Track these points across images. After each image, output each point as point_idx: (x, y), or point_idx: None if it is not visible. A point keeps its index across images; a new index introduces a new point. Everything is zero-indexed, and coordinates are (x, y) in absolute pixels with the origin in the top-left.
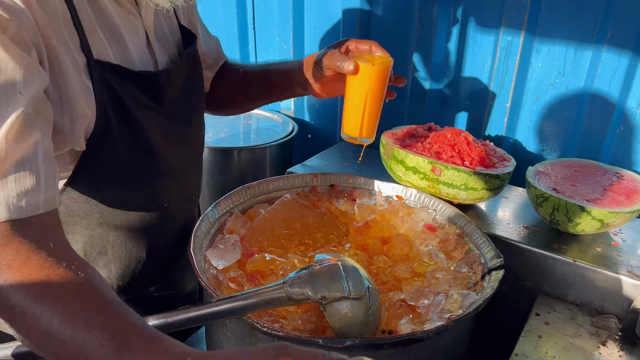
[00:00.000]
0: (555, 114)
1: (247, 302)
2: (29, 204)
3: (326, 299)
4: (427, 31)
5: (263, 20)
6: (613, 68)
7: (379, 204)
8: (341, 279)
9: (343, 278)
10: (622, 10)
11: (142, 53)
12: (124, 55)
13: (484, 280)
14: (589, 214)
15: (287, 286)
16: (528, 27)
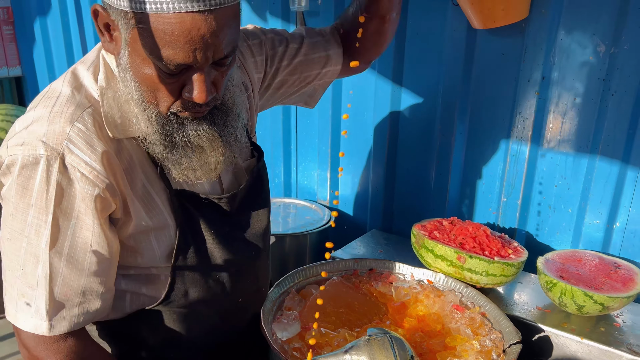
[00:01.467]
0: (560, 210)
1: None
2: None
3: None
4: (447, 141)
5: (304, 127)
6: (606, 174)
7: (412, 286)
8: (391, 348)
9: (392, 348)
10: (610, 125)
11: (212, 183)
12: (196, 185)
13: (505, 354)
14: (591, 298)
15: (347, 354)
16: (533, 138)
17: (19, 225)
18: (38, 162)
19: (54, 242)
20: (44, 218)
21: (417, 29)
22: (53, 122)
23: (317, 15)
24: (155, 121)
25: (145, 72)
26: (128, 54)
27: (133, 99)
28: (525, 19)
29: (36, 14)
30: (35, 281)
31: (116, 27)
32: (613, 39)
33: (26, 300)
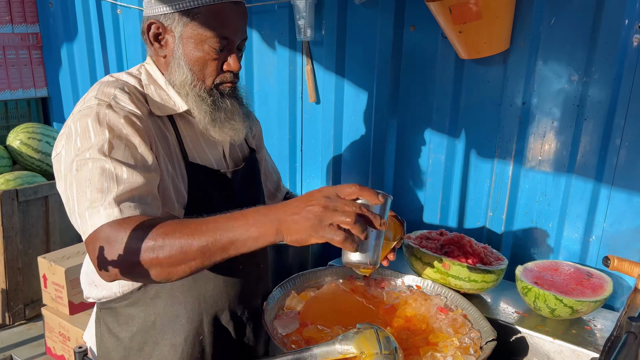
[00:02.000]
0: (541, 224)
1: (310, 352)
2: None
3: (364, 354)
4: (439, 159)
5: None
6: (581, 191)
7: (402, 291)
8: (376, 340)
9: (377, 339)
10: (584, 147)
11: (219, 161)
12: (207, 161)
13: (481, 350)
14: (561, 302)
15: (337, 343)
16: (516, 158)
17: (82, 154)
18: (92, 109)
19: (111, 151)
20: (103, 139)
21: (411, 59)
22: (102, 89)
23: (321, 45)
24: (204, 94)
25: (197, 55)
26: (182, 46)
27: (186, 81)
28: (507, 51)
29: (63, 40)
30: (102, 185)
31: (168, 31)
32: (585, 70)
33: (96, 204)
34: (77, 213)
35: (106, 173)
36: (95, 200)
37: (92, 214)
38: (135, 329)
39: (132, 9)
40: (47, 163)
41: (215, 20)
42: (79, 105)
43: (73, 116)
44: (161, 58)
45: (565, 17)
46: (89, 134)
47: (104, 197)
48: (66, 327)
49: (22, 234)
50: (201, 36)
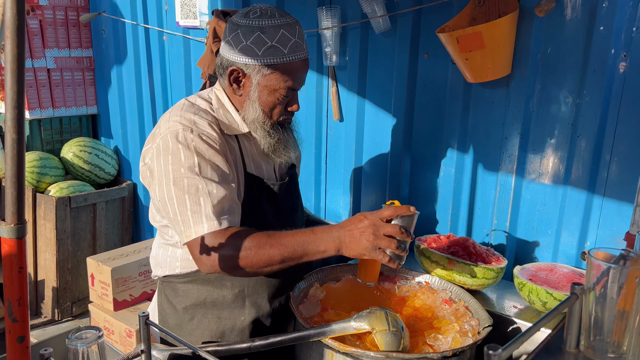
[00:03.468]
0: (541, 231)
1: (328, 328)
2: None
3: (375, 330)
4: (449, 172)
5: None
6: (576, 201)
7: (412, 286)
8: (385, 319)
9: (387, 319)
10: (577, 161)
11: (270, 174)
12: (261, 173)
13: (479, 334)
14: (551, 295)
15: (352, 321)
16: (518, 172)
17: (177, 171)
18: (178, 132)
19: (200, 170)
20: (192, 161)
21: (425, 83)
22: (183, 115)
23: (345, 69)
24: (271, 130)
25: (269, 100)
26: (258, 92)
27: (257, 119)
28: (509, 75)
29: (113, 63)
30: (199, 198)
31: (247, 78)
32: (577, 93)
33: (197, 215)
34: (179, 219)
35: (201, 190)
36: (195, 212)
37: (195, 223)
38: (189, 302)
39: (177, 36)
40: (96, 174)
41: (289, 75)
42: (164, 127)
43: (161, 136)
44: (237, 96)
45: (559, 46)
46: (179, 154)
47: (202, 209)
48: (110, 321)
49: (73, 238)
50: (275, 86)
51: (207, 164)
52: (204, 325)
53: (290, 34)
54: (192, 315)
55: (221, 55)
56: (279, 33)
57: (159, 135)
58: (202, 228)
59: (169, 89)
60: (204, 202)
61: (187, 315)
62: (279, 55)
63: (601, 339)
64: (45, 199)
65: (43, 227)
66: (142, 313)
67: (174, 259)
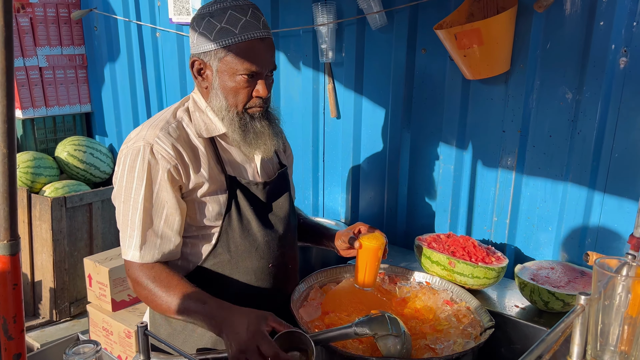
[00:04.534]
0: (542, 228)
1: (330, 334)
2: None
3: (377, 335)
4: (448, 169)
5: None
6: (577, 198)
7: (413, 286)
8: (387, 323)
9: (388, 323)
10: (577, 158)
11: (253, 174)
12: (241, 175)
13: (481, 336)
14: (553, 295)
15: (354, 326)
16: (517, 168)
17: (128, 192)
18: (139, 150)
19: (146, 199)
20: (141, 183)
21: (423, 79)
22: (150, 129)
23: (341, 66)
24: (236, 118)
25: (230, 85)
26: (218, 78)
27: (222, 107)
28: (508, 72)
29: (106, 60)
30: (135, 225)
31: (208, 66)
32: (577, 89)
33: (130, 240)
34: (121, 234)
35: (137, 215)
36: (130, 236)
37: (127, 246)
38: None
39: (170, 33)
40: (91, 173)
41: (244, 56)
42: (134, 138)
43: (127, 148)
44: (204, 89)
45: (559, 42)
46: (134, 173)
47: (133, 238)
48: (109, 322)
49: (69, 238)
50: (233, 69)
51: (154, 192)
52: (195, 335)
53: (240, 14)
54: (184, 326)
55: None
56: (226, 14)
57: (126, 146)
58: (127, 253)
59: (163, 86)
60: (137, 232)
61: (178, 325)
62: (230, 36)
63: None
64: (40, 199)
65: (39, 228)
66: (140, 324)
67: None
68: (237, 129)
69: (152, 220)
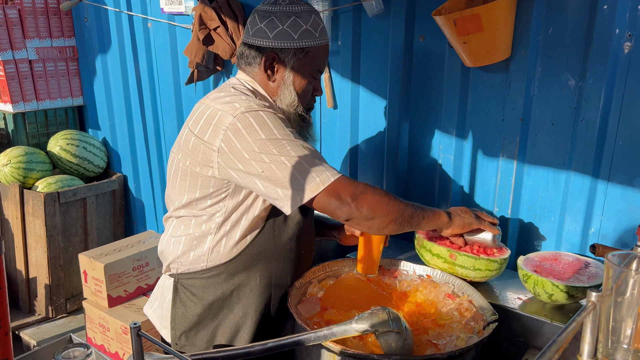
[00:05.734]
0: (544, 218)
1: (329, 331)
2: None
3: (378, 332)
4: (448, 159)
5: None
6: (580, 187)
7: (413, 279)
8: (388, 319)
9: (389, 319)
10: (581, 146)
11: None
12: None
13: (484, 330)
14: (557, 287)
15: (354, 322)
16: (519, 157)
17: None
18: (250, 109)
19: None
20: (283, 130)
21: (421, 67)
22: (240, 103)
23: (337, 54)
24: (304, 112)
25: (303, 83)
26: (292, 75)
27: (292, 102)
28: (509, 58)
29: (98, 52)
30: (312, 158)
31: (282, 62)
32: (580, 75)
33: (316, 170)
34: (301, 178)
35: (302, 147)
36: (313, 169)
37: (319, 175)
38: (213, 297)
39: (162, 23)
40: (84, 167)
41: (318, 59)
42: (227, 109)
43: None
44: (270, 83)
45: (561, 26)
46: (268, 125)
47: (320, 165)
48: (105, 318)
49: (63, 233)
50: (308, 70)
51: (290, 132)
52: (230, 320)
53: (319, 19)
54: (217, 311)
55: (250, 44)
56: (311, 17)
57: (225, 116)
58: (328, 178)
59: (156, 78)
60: (316, 161)
61: (211, 311)
62: (312, 39)
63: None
64: (33, 195)
65: (32, 224)
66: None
67: (199, 255)
68: (304, 122)
69: (307, 146)
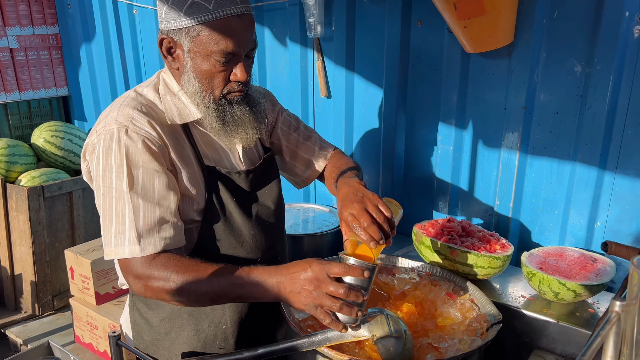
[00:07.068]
0: (547, 212)
1: (323, 336)
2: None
3: (376, 337)
4: (447, 150)
5: None
6: (586, 179)
7: (412, 277)
8: (386, 323)
9: (388, 323)
10: (587, 136)
11: (236, 162)
12: (221, 164)
13: (487, 332)
14: (564, 286)
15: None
16: (522, 148)
17: (107, 181)
18: (113, 134)
19: (131, 186)
20: (121, 170)
21: (419, 54)
22: (122, 110)
23: (331, 41)
24: (213, 105)
25: (204, 67)
26: (190, 60)
27: (195, 92)
28: (512, 44)
29: (82, 40)
30: (124, 218)
31: (178, 45)
32: (587, 61)
33: (120, 235)
34: (102, 232)
35: (127, 207)
36: (119, 232)
37: (117, 244)
38: (164, 315)
39: (148, 9)
40: (70, 160)
41: (219, 35)
42: (101, 124)
43: (97, 133)
44: (175, 70)
45: (567, 10)
46: (110, 161)
47: (127, 232)
48: (93, 316)
49: (49, 228)
50: (206, 50)
51: (138, 174)
52: (182, 338)
53: None
54: (168, 330)
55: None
56: None
57: (95, 132)
58: (122, 251)
59: (142, 66)
60: (129, 224)
61: (162, 329)
62: (203, 12)
63: None
64: (16, 189)
65: (16, 219)
66: (112, 333)
67: None
68: (215, 117)
69: (144, 207)
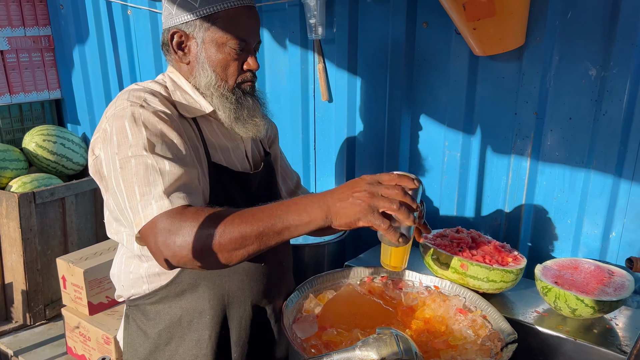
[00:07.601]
0: (559, 221)
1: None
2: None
3: (385, 358)
4: (454, 156)
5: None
6: (601, 187)
7: (420, 292)
8: (396, 344)
9: (398, 344)
10: (602, 142)
11: (242, 162)
12: (230, 162)
13: (502, 351)
14: (582, 302)
15: (357, 349)
16: (533, 155)
17: (123, 153)
18: (126, 109)
19: (152, 149)
20: (141, 137)
21: (424, 56)
22: (132, 93)
23: (332, 43)
24: (229, 92)
25: (219, 57)
26: (205, 51)
27: (210, 82)
28: (522, 46)
29: (75, 42)
30: (147, 179)
31: (191, 38)
32: (602, 64)
33: (146, 197)
34: (128, 207)
35: (150, 168)
36: (144, 194)
37: (144, 206)
38: (162, 325)
39: (142, 10)
40: (63, 165)
41: (234, 24)
42: (111, 109)
43: (107, 119)
44: (184, 65)
45: (581, 10)
46: (126, 133)
47: (152, 190)
48: (86, 327)
49: (41, 236)
50: (222, 39)
51: (158, 138)
52: (182, 350)
53: None
54: (168, 340)
55: (163, 28)
56: None
57: (105, 120)
58: (151, 210)
59: (137, 68)
60: (154, 182)
61: (162, 340)
62: (217, 2)
63: None
64: (6, 195)
65: (6, 227)
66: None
67: (138, 277)
68: (231, 104)
69: (168, 166)
